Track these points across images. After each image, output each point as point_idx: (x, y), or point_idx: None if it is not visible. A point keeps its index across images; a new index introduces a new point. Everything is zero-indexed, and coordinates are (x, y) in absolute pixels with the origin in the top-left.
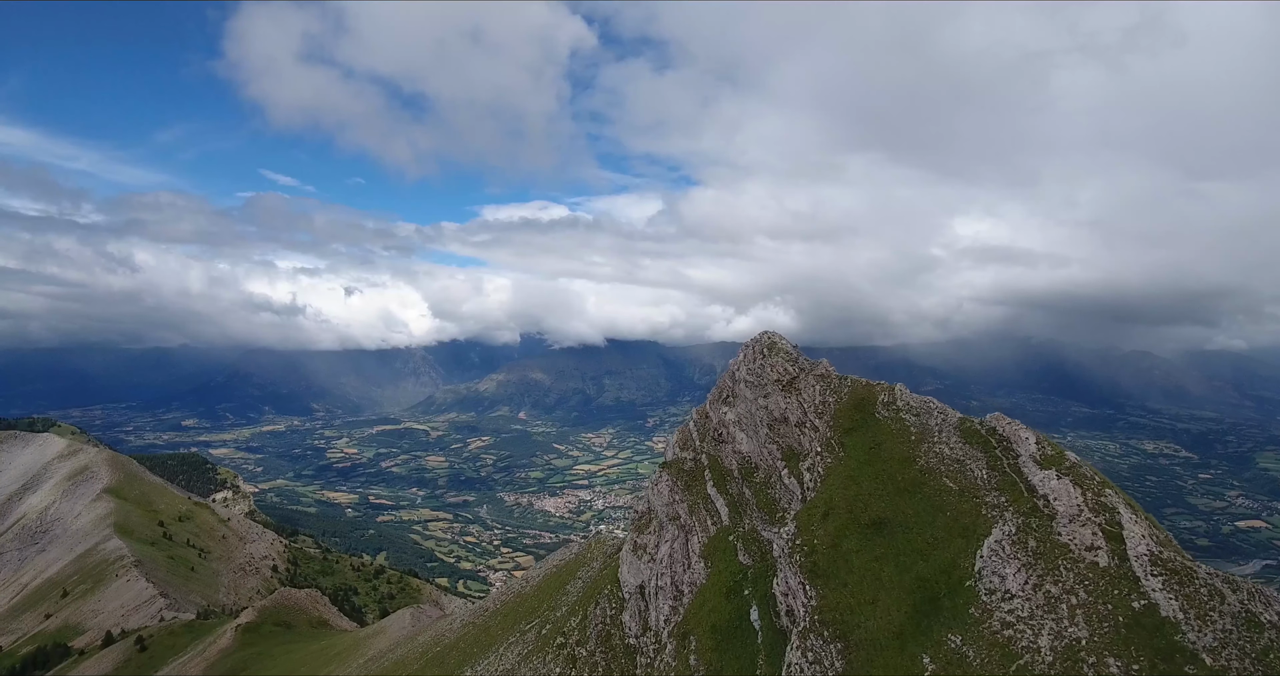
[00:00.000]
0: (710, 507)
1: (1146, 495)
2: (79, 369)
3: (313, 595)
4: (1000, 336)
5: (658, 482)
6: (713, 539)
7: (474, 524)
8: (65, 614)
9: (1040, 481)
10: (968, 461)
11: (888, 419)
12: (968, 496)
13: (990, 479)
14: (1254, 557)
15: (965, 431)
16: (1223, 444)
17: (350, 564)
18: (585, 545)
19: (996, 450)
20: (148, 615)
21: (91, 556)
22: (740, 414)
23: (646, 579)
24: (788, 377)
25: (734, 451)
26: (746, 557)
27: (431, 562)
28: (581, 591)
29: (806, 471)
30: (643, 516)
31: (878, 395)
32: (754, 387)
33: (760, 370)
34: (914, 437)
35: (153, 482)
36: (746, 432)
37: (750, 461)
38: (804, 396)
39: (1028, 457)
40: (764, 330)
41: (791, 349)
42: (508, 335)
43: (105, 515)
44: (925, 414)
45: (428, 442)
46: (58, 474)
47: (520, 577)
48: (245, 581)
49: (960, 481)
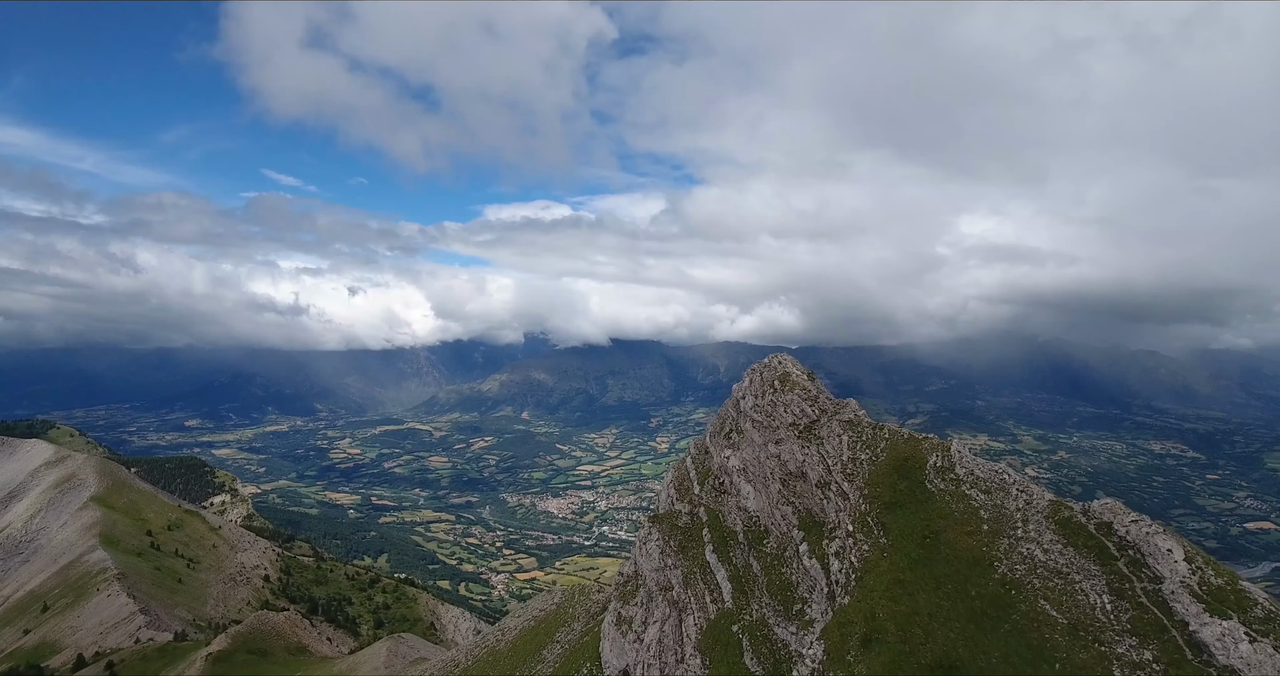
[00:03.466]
0: (709, 579)
1: (1154, 496)
2: (84, 369)
3: (291, 618)
4: (1006, 335)
5: (646, 541)
6: (712, 624)
7: (476, 525)
8: (44, 630)
9: (1213, 638)
10: (1076, 576)
11: (944, 493)
12: (1085, 639)
13: (1117, 612)
14: (1264, 560)
15: (1063, 524)
16: (1230, 444)
17: (345, 573)
18: (567, 596)
19: (1119, 562)
20: (126, 633)
21: (74, 569)
22: (746, 460)
23: (631, 663)
24: (805, 421)
25: (738, 507)
26: (756, 664)
27: (433, 565)
28: (559, 660)
29: (834, 556)
30: (629, 581)
31: (926, 455)
32: (763, 429)
33: (770, 408)
34: (987, 527)
35: (142, 490)
36: (754, 485)
37: (759, 523)
38: (827, 447)
39: (1176, 584)
40: (773, 354)
41: (809, 382)
42: (511, 335)
43: (90, 525)
44: (999, 490)
45: (430, 443)
46: (44, 482)
47: (496, 630)
48: (235, 592)
49: (1069, 609)
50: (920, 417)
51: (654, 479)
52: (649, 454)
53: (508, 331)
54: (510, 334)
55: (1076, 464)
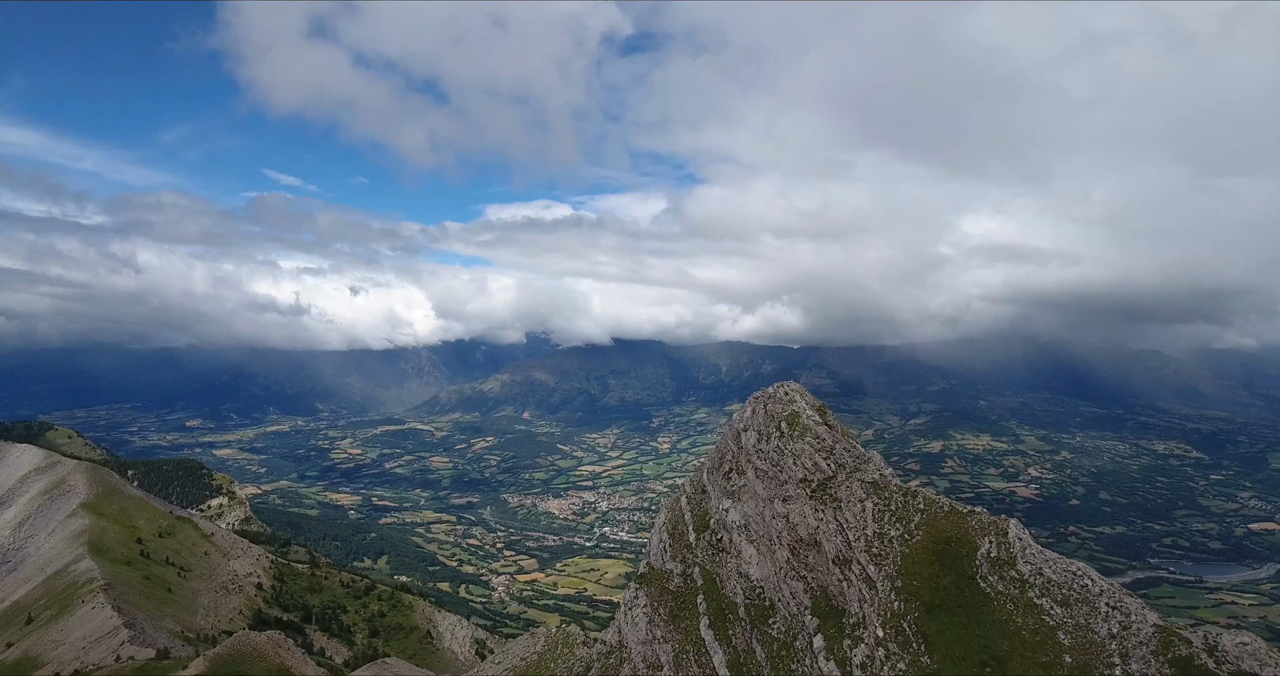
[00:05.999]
0: (704, 660)
1: (1158, 497)
2: (85, 369)
3: (274, 638)
4: (1009, 335)
5: (632, 607)
6: None
7: (477, 526)
8: (27, 643)
9: None
10: None
11: (1005, 598)
12: None
13: None
14: (1269, 561)
15: (1180, 665)
16: (1234, 444)
17: (339, 580)
18: (550, 644)
19: None
20: (109, 649)
21: (61, 578)
22: (749, 515)
23: None
24: (819, 477)
25: (739, 573)
26: None
27: (433, 566)
28: None
29: (860, 668)
30: (612, 652)
31: (975, 539)
32: (768, 480)
33: (777, 457)
34: (1070, 659)
35: (133, 496)
36: (758, 547)
37: (763, 596)
38: (846, 514)
39: None
40: (779, 383)
41: (821, 425)
42: (513, 335)
43: (79, 533)
44: (1082, 603)
45: (432, 443)
46: (33, 488)
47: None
48: (227, 601)
49: None
50: (922, 417)
51: (655, 479)
52: (650, 454)
53: (509, 331)
54: (512, 334)
55: (1079, 464)
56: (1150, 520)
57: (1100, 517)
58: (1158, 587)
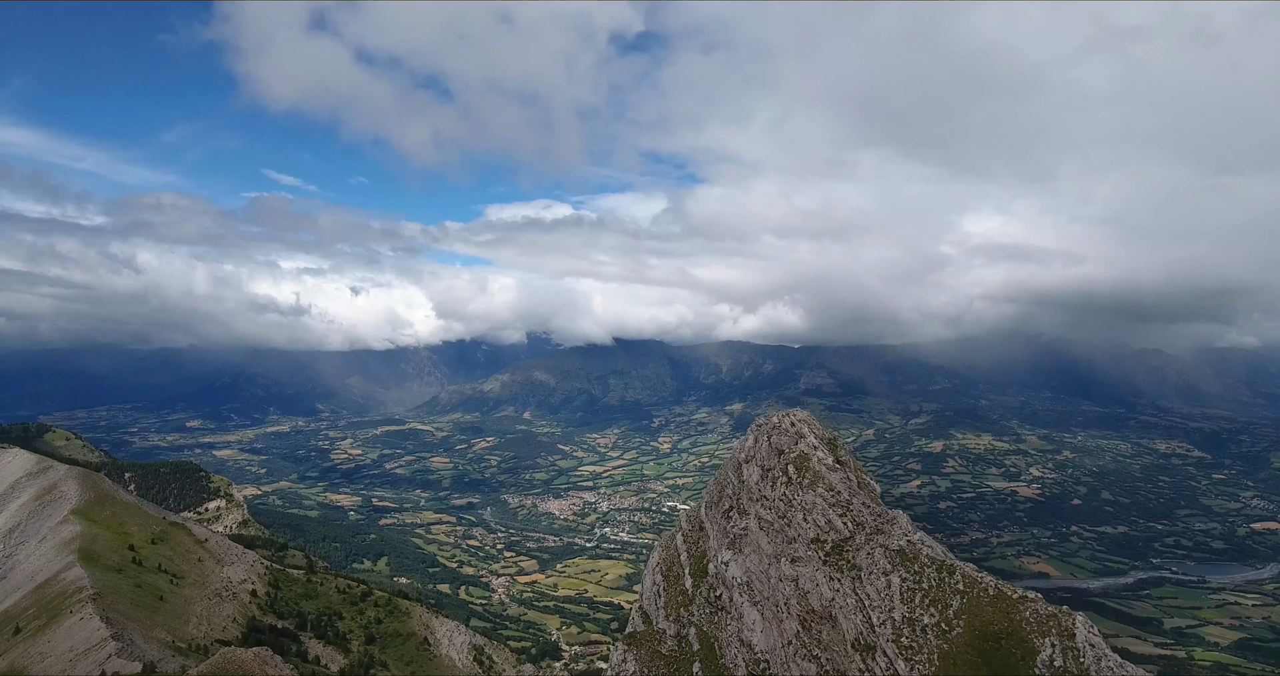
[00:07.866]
0: None
1: (1160, 496)
2: (86, 370)
3: (261, 655)
4: (1010, 334)
5: (619, 671)
6: None
7: (478, 526)
8: (14, 655)
9: None
10: None
11: None
12: None
13: None
14: (1271, 561)
15: None
16: (1236, 443)
17: (335, 586)
18: None
19: None
20: (95, 662)
21: (50, 587)
22: (751, 572)
23: None
24: (835, 538)
25: (740, 639)
26: None
27: (433, 568)
28: None
29: None
30: None
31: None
32: (774, 535)
33: (785, 507)
34: None
35: (126, 502)
36: (762, 612)
37: (768, 672)
38: (868, 588)
39: None
40: (785, 412)
41: (833, 469)
42: (514, 335)
43: (69, 540)
44: None
45: (432, 443)
46: (24, 495)
47: None
48: (220, 609)
49: None
50: (924, 417)
51: (656, 479)
52: (651, 454)
53: (510, 331)
54: (513, 334)
55: (1081, 463)
56: (1152, 520)
57: (1102, 517)
58: (1160, 588)
